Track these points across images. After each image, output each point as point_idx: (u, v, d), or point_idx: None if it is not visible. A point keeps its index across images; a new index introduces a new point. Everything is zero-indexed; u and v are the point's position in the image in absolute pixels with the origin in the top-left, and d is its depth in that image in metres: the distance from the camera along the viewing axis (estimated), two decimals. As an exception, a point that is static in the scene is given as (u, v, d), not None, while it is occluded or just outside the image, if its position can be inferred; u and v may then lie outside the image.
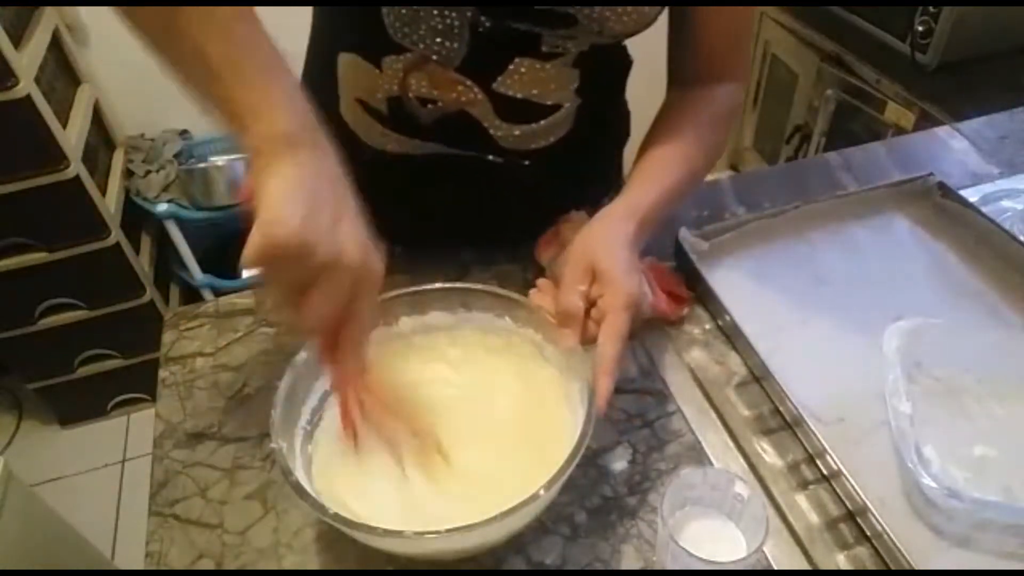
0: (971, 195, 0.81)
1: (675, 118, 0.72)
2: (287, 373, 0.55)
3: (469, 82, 0.66)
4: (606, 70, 0.75)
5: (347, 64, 0.70)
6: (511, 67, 0.65)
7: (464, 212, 0.78)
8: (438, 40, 0.63)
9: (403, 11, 0.62)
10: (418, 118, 0.69)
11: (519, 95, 0.68)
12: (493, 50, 0.64)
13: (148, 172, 1.74)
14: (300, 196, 0.45)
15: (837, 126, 1.87)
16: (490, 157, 0.72)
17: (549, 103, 0.70)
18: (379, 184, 0.74)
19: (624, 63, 0.80)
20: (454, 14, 0.62)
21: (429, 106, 0.68)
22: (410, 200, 0.77)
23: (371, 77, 0.68)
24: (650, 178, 0.68)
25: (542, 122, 0.71)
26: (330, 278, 0.46)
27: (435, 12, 0.61)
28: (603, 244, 0.61)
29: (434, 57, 0.64)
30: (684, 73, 0.74)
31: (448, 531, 0.46)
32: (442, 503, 0.55)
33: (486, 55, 0.64)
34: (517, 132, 0.70)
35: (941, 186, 0.82)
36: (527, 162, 0.74)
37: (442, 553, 0.54)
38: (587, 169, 0.83)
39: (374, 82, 0.68)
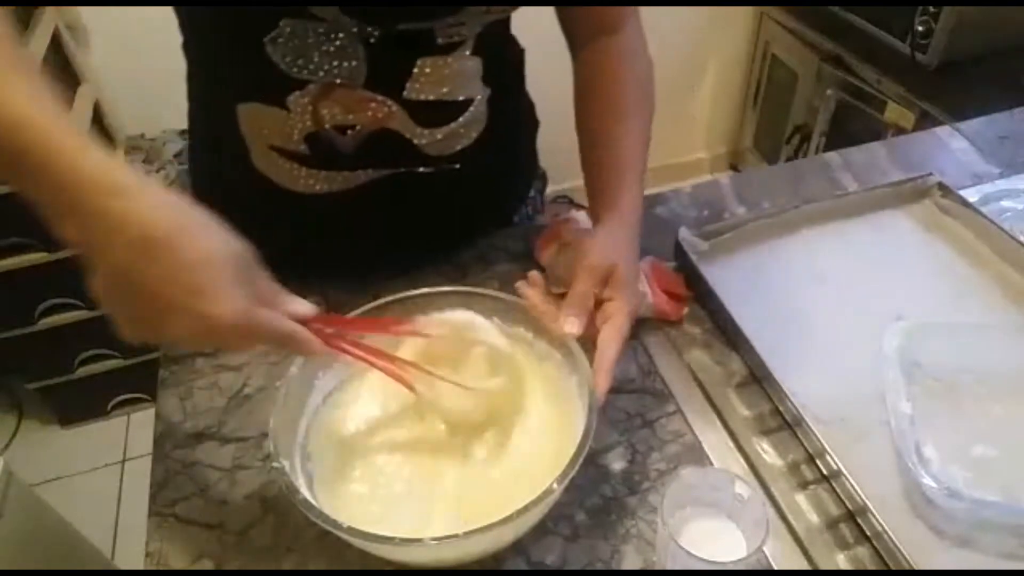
0: (971, 195, 0.81)
1: (601, 85, 0.73)
2: (280, 390, 0.55)
3: (380, 96, 0.65)
4: (504, 56, 0.76)
5: (250, 114, 0.67)
6: (415, 71, 0.65)
7: (408, 230, 0.77)
8: (335, 63, 0.62)
9: (290, 44, 0.60)
10: (340, 148, 0.68)
11: (431, 97, 0.67)
12: (392, 58, 0.63)
13: (148, 172, 1.74)
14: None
15: (837, 126, 1.87)
16: (420, 169, 0.71)
17: (461, 98, 0.69)
18: (316, 228, 0.74)
19: (517, 49, 0.80)
20: (341, 34, 0.60)
21: (348, 132, 0.67)
22: (351, 233, 0.75)
23: (280, 120, 0.66)
24: (622, 170, 0.69)
25: (460, 119, 0.70)
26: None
27: (321, 36, 0.60)
28: (623, 254, 0.62)
29: (338, 81, 0.63)
30: (580, 28, 0.74)
31: (466, 534, 0.46)
32: (441, 507, 0.55)
33: (388, 65, 0.64)
34: (439, 136, 0.70)
35: (941, 186, 0.82)
36: (457, 165, 0.73)
37: (456, 557, 0.54)
38: (511, 162, 0.84)
39: (285, 124, 0.66)
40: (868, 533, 0.55)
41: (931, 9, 1.52)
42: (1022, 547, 0.54)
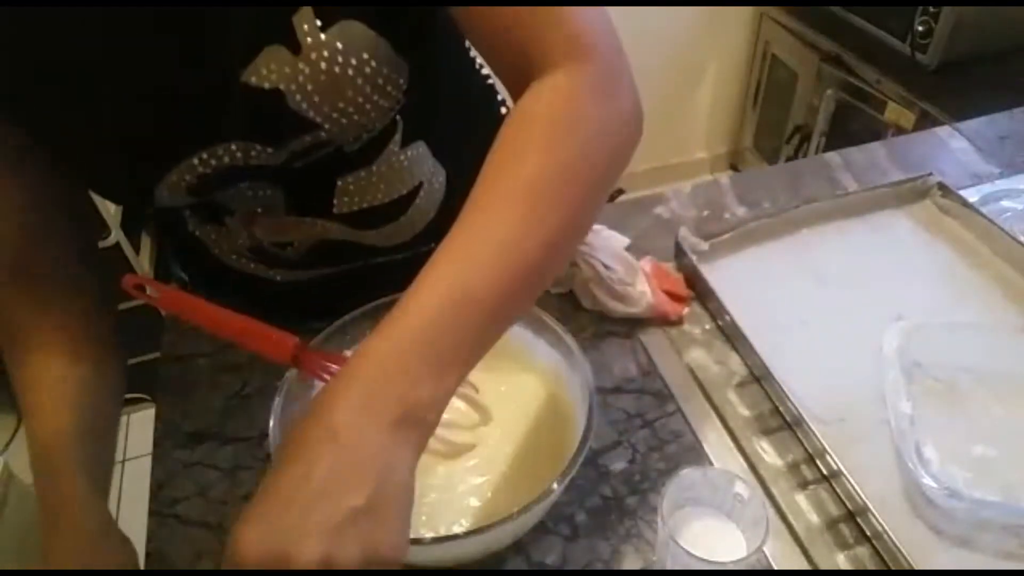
0: (971, 195, 0.81)
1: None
2: (280, 390, 0.55)
3: (308, 218, 0.61)
4: (462, 121, 0.66)
5: (196, 223, 0.66)
6: (338, 187, 0.59)
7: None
8: (249, 194, 0.58)
9: (203, 172, 0.54)
10: (286, 258, 0.65)
11: (364, 206, 0.61)
12: (307, 184, 0.58)
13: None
14: None
15: (837, 126, 1.87)
16: (380, 260, 0.66)
17: (405, 192, 0.62)
18: (284, 307, 0.68)
19: (481, 88, 0.71)
20: (247, 174, 0.56)
21: (288, 248, 0.64)
22: (319, 314, 0.70)
23: (222, 235, 0.64)
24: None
25: (409, 211, 0.64)
26: None
27: (226, 169, 0.54)
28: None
29: (259, 209, 0.60)
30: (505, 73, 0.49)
31: (466, 534, 0.46)
32: (441, 506, 0.55)
33: (305, 191, 0.59)
34: (389, 231, 0.64)
35: (941, 186, 0.82)
36: (424, 249, 0.67)
37: (456, 557, 0.54)
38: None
39: (227, 239, 0.65)
40: (868, 533, 0.55)
41: (931, 9, 1.52)
42: (1022, 547, 0.54)
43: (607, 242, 0.75)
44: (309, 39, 0.47)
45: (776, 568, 0.54)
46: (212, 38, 0.47)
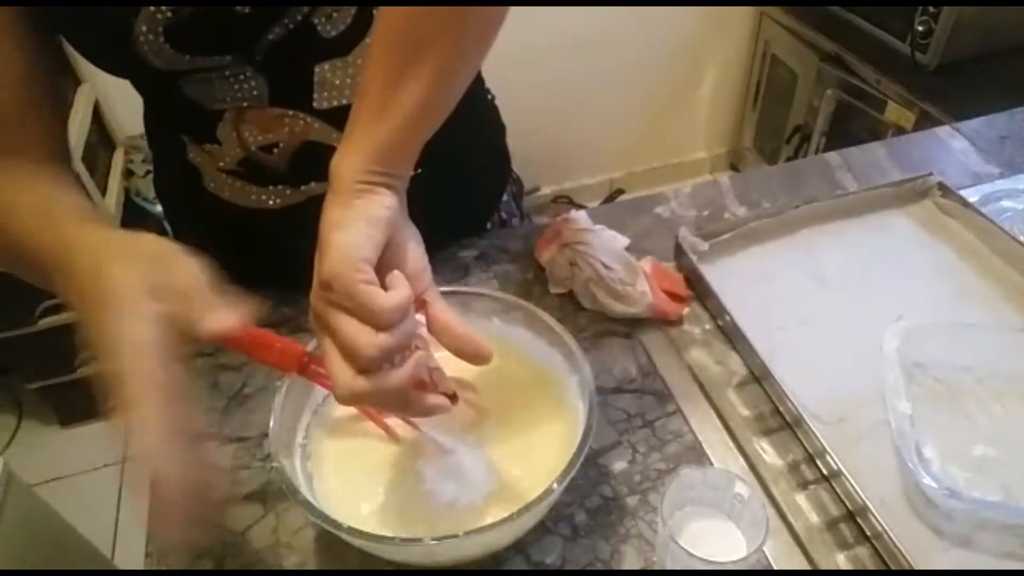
0: (971, 195, 0.81)
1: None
2: (280, 390, 0.55)
3: (291, 112, 0.64)
4: None
5: (193, 150, 0.69)
6: (316, 78, 0.62)
7: None
8: (235, 87, 0.62)
9: (198, 83, 0.60)
10: (273, 167, 0.67)
11: (344, 102, 0.64)
12: (286, 71, 0.61)
13: (148, 172, 1.74)
14: None
15: (837, 126, 1.87)
16: None
17: None
18: (278, 242, 0.72)
19: None
20: (228, 59, 0.59)
21: (275, 151, 0.66)
22: (312, 245, 0.74)
23: (215, 153, 0.67)
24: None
25: None
26: None
27: (212, 63, 0.59)
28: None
29: (245, 104, 0.63)
30: None
31: (467, 534, 0.46)
32: (444, 506, 0.55)
33: (285, 78, 0.62)
34: None
35: (941, 186, 0.82)
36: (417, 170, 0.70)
37: (456, 557, 0.54)
38: (470, 164, 0.80)
39: (220, 153, 0.67)
40: (868, 533, 0.55)
41: (931, 9, 1.52)
42: (1022, 547, 0.54)
43: (607, 242, 0.75)
44: None
45: (776, 568, 0.54)
46: None
